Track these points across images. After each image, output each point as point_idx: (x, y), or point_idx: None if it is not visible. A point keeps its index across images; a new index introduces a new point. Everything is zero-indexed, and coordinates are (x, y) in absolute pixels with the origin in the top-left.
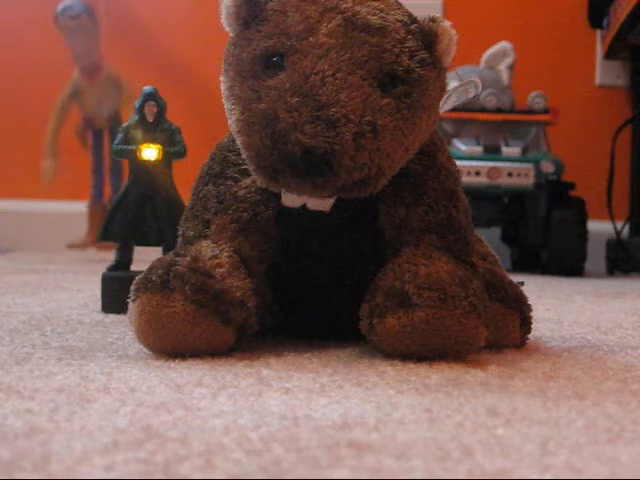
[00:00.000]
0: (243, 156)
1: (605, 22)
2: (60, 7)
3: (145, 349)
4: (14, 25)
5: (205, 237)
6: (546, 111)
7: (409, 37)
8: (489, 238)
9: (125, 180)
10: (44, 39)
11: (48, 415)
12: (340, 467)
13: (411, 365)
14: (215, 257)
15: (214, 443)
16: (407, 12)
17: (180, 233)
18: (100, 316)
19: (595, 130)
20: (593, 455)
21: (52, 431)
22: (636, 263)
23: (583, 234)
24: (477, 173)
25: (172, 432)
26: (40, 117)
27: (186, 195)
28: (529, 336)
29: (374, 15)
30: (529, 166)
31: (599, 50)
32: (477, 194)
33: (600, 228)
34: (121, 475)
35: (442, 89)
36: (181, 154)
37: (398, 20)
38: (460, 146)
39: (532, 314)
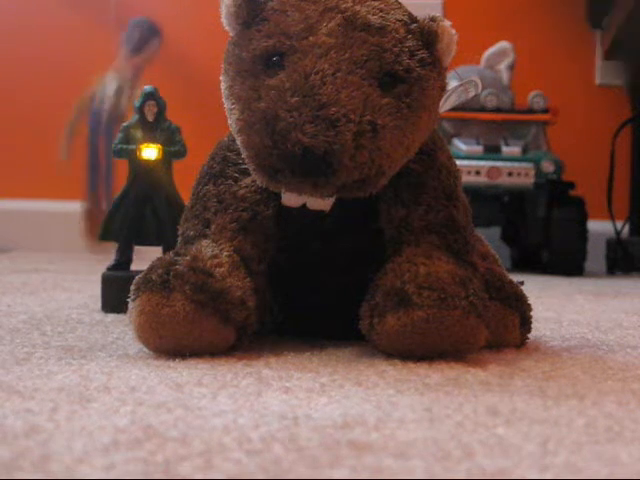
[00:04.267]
0: (243, 156)
1: (605, 22)
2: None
3: (145, 349)
4: (14, 24)
5: (205, 236)
6: (546, 111)
7: (409, 36)
8: (489, 238)
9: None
10: (48, 40)
11: (48, 415)
12: (340, 467)
13: (411, 365)
14: (215, 256)
15: (214, 443)
16: (407, 12)
17: (180, 233)
18: (100, 316)
19: (595, 130)
20: (593, 455)
21: (52, 431)
22: (636, 263)
23: (583, 234)
24: (477, 173)
25: (172, 432)
26: (41, 117)
27: (186, 195)
28: (529, 335)
29: (374, 15)
30: (529, 166)
31: (599, 50)
32: (477, 194)
33: (600, 228)
34: (121, 475)
35: (442, 88)
36: (181, 154)
37: (398, 20)
38: (460, 146)
39: (532, 314)
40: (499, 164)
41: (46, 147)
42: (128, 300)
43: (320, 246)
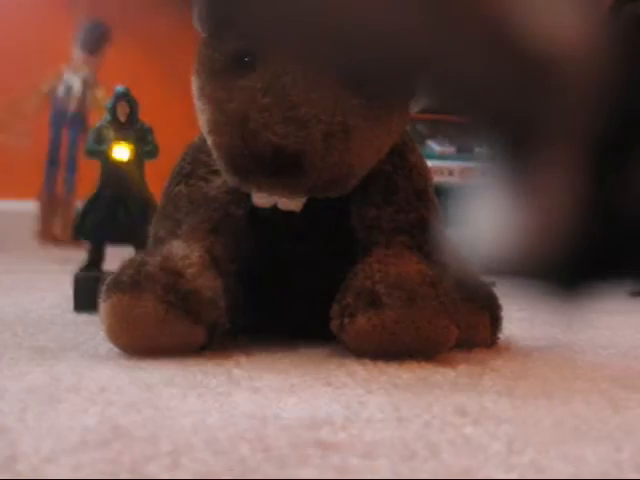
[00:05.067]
0: (214, 156)
1: None
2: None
3: (116, 349)
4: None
5: (176, 237)
6: None
7: None
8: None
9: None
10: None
11: (17, 415)
12: (306, 466)
13: (381, 364)
14: (186, 257)
15: (182, 443)
16: None
17: (151, 233)
18: (72, 316)
19: None
20: (559, 454)
21: (20, 431)
22: None
23: None
24: (450, 173)
25: (140, 432)
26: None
27: (158, 195)
28: (500, 335)
29: None
30: None
31: None
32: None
33: None
34: (88, 475)
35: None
36: (153, 154)
37: None
38: (433, 147)
39: (503, 313)
40: (472, 165)
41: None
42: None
43: (291, 246)
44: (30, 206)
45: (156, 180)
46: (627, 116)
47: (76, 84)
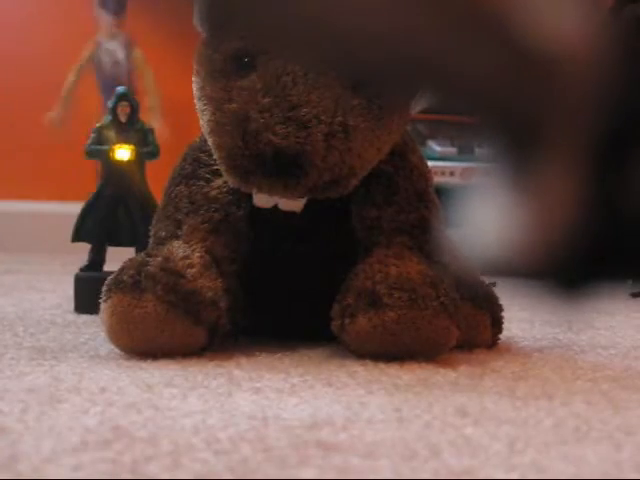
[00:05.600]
0: (214, 157)
1: None
2: None
3: (116, 349)
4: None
5: (177, 237)
6: None
7: None
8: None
9: None
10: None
11: (18, 415)
12: (307, 466)
13: (382, 365)
14: (186, 257)
15: (182, 443)
16: None
17: (152, 233)
18: (73, 316)
19: None
20: (560, 454)
21: (21, 431)
22: None
23: None
24: (451, 173)
25: (141, 432)
26: (14, 114)
27: (159, 195)
28: (500, 336)
29: None
30: None
31: None
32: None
33: None
34: (88, 475)
35: None
36: (154, 154)
37: None
38: (434, 147)
39: (504, 314)
40: (473, 165)
41: (15, 146)
42: (100, 301)
43: (292, 246)
44: (28, 207)
45: (157, 180)
46: (628, 116)
47: (117, 48)
